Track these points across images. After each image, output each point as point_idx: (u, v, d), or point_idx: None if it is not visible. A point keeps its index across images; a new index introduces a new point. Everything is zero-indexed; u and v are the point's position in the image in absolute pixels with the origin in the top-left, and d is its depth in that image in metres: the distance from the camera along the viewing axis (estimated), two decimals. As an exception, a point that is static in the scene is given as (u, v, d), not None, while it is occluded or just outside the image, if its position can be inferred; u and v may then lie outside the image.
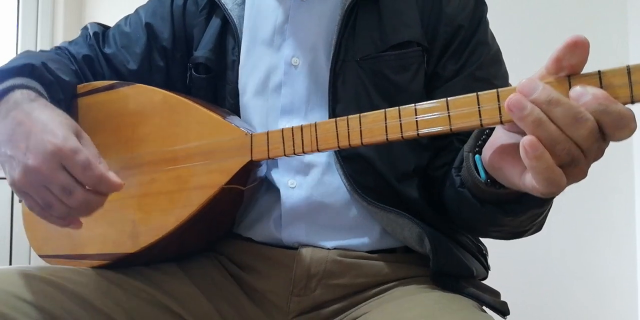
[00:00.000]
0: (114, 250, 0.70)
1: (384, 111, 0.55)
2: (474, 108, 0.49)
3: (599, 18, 1.35)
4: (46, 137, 0.59)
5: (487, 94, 0.48)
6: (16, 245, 1.79)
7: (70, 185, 0.59)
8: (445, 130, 0.51)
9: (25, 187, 0.60)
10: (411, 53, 0.73)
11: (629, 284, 1.31)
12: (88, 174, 0.59)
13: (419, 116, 0.52)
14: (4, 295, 0.57)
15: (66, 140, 0.59)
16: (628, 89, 0.43)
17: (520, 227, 0.65)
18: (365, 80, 0.72)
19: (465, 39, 0.74)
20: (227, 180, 0.64)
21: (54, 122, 0.61)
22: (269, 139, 0.63)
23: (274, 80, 0.75)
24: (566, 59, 0.44)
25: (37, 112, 0.63)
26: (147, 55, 0.82)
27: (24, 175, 0.59)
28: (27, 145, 0.60)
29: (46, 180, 0.59)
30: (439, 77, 0.74)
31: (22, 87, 0.67)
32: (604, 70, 0.44)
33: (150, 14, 0.84)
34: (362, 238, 0.72)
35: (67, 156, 0.59)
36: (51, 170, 0.58)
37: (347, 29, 0.72)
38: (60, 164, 0.59)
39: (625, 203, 1.32)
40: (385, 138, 0.54)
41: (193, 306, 0.69)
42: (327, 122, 0.59)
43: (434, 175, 0.73)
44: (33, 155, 0.59)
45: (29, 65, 0.70)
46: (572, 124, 0.42)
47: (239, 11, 0.78)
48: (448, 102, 0.50)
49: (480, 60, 0.74)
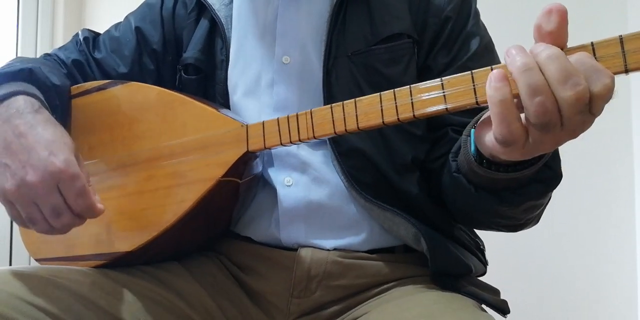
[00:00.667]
0: (111, 250, 0.69)
1: (379, 94, 0.54)
2: (469, 86, 0.49)
3: (599, 18, 1.35)
4: (50, 158, 0.60)
5: (481, 71, 0.48)
6: (16, 245, 1.79)
7: (61, 208, 0.60)
8: (441, 109, 0.50)
9: (15, 198, 0.60)
10: (401, 45, 0.72)
11: (629, 281, 1.31)
12: (80, 201, 0.60)
13: (415, 97, 0.52)
14: (6, 297, 0.56)
15: (69, 164, 0.60)
16: (621, 59, 0.43)
17: (517, 219, 0.64)
18: (357, 76, 0.71)
19: (455, 31, 0.74)
20: (224, 173, 0.64)
21: (59, 143, 0.62)
22: (265, 128, 0.63)
23: (266, 79, 0.75)
24: (544, 26, 0.44)
25: (40, 127, 0.63)
26: (138, 59, 0.83)
27: (17, 188, 0.60)
28: (28, 159, 0.60)
29: (38, 198, 0.59)
30: (431, 70, 0.74)
31: (25, 93, 0.67)
32: (597, 41, 0.44)
33: (140, 19, 0.85)
34: (360, 236, 0.71)
35: (67, 180, 0.59)
36: (47, 190, 0.59)
37: (337, 25, 0.72)
38: (56, 185, 0.60)
39: (625, 201, 1.32)
40: (382, 121, 0.54)
41: (198, 304, 0.68)
42: (322, 108, 0.58)
43: (432, 167, 0.72)
44: (33, 171, 0.59)
45: (27, 70, 0.70)
46: (563, 82, 0.42)
47: (226, 11, 0.79)
48: (443, 82, 0.50)
49: (471, 52, 0.73)
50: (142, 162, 0.70)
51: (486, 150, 0.53)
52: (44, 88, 0.72)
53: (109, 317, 0.61)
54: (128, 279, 0.66)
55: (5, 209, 0.63)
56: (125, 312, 0.63)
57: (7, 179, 0.61)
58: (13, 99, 0.66)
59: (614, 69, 0.43)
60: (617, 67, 0.43)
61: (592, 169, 1.32)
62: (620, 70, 0.43)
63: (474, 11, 0.77)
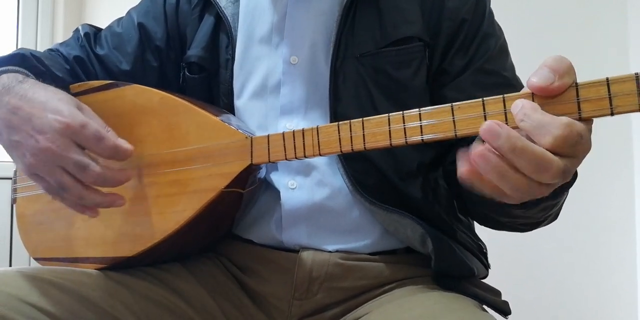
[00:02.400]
0: (111, 254, 0.69)
1: (387, 116, 0.54)
2: (479, 113, 0.48)
3: (599, 18, 1.35)
4: (51, 116, 0.59)
5: (492, 99, 0.48)
6: (16, 245, 1.79)
7: (84, 161, 0.59)
8: (450, 135, 0.50)
9: (39, 169, 0.60)
10: (412, 48, 0.71)
11: (629, 283, 1.31)
12: (102, 145, 0.59)
13: (424, 121, 0.51)
14: (6, 298, 0.56)
15: (72, 115, 0.59)
16: (637, 97, 0.42)
17: (534, 218, 0.63)
18: (365, 78, 0.70)
19: (471, 33, 0.72)
20: (227, 184, 0.63)
21: (53, 100, 0.61)
22: (270, 142, 0.62)
23: (273, 80, 0.74)
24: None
25: (30, 92, 0.62)
26: (140, 56, 0.81)
27: (35, 158, 0.59)
28: (32, 126, 0.59)
29: (59, 159, 0.59)
30: (448, 74, 0.73)
31: (7, 72, 0.66)
32: (612, 78, 0.43)
33: (143, 14, 0.83)
34: (363, 240, 0.71)
35: (77, 131, 0.59)
36: (62, 148, 0.58)
37: (347, 26, 0.71)
38: (70, 140, 0.59)
39: (625, 202, 1.32)
40: (389, 143, 0.54)
41: (199, 305, 0.69)
42: (329, 126, 0.58)
43: (451, 170, 0.71)
44: (41, 136, 0.59)
45: (18, 55, 0.70)
46: (537, 172, 0.44)
47: (233, 9, 0.77)
48: (453, 107, 0.50)
49: (488, 53, 0.72)
50: (144, 168, 0.69)
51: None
52: (38, 72, 0.71)
53: (109, 318, 0.62)
54: (129, 280, 0.66)
55: (37, 185, 0.62)
56: (127, 314, 0.63)
57: (23, 154, 0.60)
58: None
59: (598, 113, 0.44)
60: (603, 110, 0.44)
61: (592, 169, 1.31)
62: (605, 114, 0.44)
63: (488, 11, 0.75)
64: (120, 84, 0.75)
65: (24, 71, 0.68)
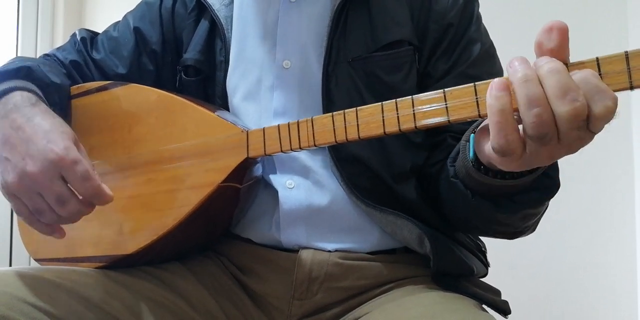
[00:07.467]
0: (111, 252, 0.69)
1: (380, 104, 0.54)
2: (471, 98, 0.49)
3: (599, 18, 1.35)
4: (48, 146, 0.59)
5: (484, 84, 0.48)
6: (16, 245, 1.79)
7: (66, 196, 0.60)
8: (443, 121, 0.50)
9: (18, 191, 0.60)
10: (402, 53, 0.72)
11: (629, 282, 1.31)
12: (87, 184, 0.59)
13: (417, 108, 0.52)
14: (7, 298, 0.56)
15: (68, 150, 0.60)
16: (626, 75, 0.42)
17: (514, 227, 0.64)
18: (357, 82, 0.71)
19: (456, 38, 0.73)
20: (224, 178, 0.64)
21: (56, 132, 0.62)
22: (265, 135, 0.63)
23: (266, 84, 0.74)
24: (545, 43, 0.44)
25: (38, 118, 0.63)
26: (136, 60, 0.82)
27: (19, 180, 0.59)
28: (27, 150, 0.60)
29: (41, 187, 0.59)
30: (430, 77, 0.73)
31: (22, 89, 0.67)
32: (602, 57, 0.43)
33: (139, 18, 0.84)
34: (362, 240, 0.71)
35: (68, 166, 0.59)
36: (49, 179, 0.59)
37: (338, 30, 0.72)
38: (58, 173, 0.59)
39: (625, 202, 1.32)
40: (383, 131, 0.54)
41: (199, 305, 0.68)
42: (323, 116, 0.58)
43: (429, 172, 0.72)
44: (32, 161, 0.59)
45: (25, 68, 0.70)
46: (561, 97, 0.41)
47: (226, 12, 0.78)
48: (445, 93, 0.50)
49: (471, 58, 0.72)
50: (142, 165, 0.70)
51: (484, 157, 0.53)
52: (42, 85, 0.71)
53: (109, 318, 0.61)
54: (130, 280, 0.66)
55: (11, 205, 0.62)
56: (127, 314, 0.63)
57: (8, 172, 0.61)
58: (10, 95, 0.66)
59: (618, 86, 0.42)
60: (622, 84, 0.43)
61: (592, 169, 1.32)
62: (625, 87, 0.43)
63: (476, 16, 0.75)
64: (118, 84, 0.76)
65: (36, 90, 0.69)
